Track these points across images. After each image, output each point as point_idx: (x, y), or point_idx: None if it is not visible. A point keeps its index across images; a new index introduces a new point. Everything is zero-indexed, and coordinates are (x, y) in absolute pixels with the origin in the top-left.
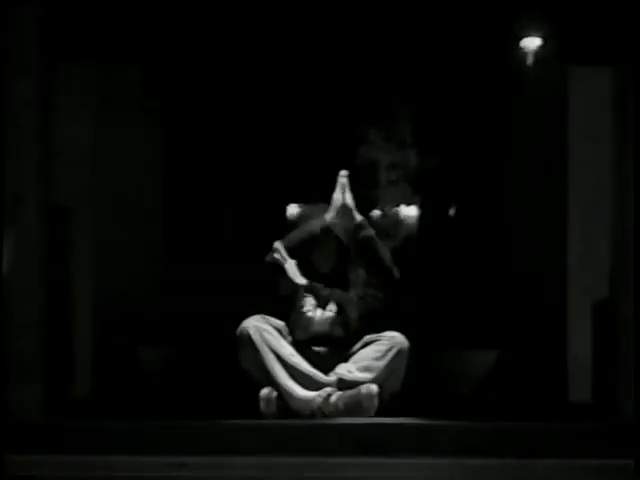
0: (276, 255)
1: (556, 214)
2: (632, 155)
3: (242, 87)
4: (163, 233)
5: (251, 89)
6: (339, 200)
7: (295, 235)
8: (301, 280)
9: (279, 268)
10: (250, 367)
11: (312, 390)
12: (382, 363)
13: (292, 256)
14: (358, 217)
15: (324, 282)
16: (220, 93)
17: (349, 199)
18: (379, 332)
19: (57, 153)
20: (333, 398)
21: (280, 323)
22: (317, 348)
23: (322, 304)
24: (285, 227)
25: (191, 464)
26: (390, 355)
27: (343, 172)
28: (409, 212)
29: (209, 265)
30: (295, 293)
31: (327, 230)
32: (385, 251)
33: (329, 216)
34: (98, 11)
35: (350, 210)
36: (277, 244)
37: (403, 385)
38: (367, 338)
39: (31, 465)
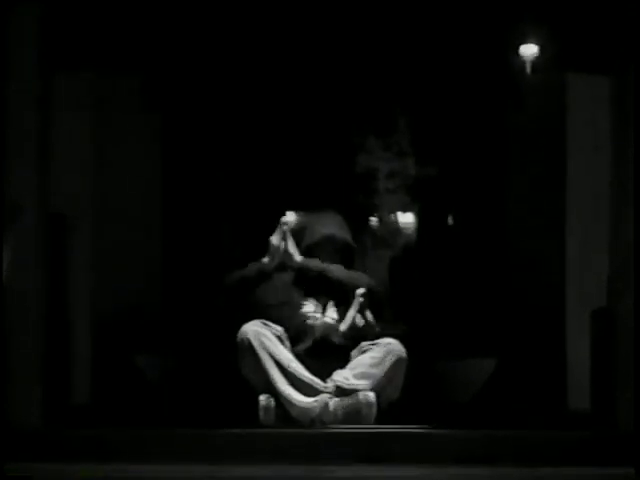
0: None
1: (555, 222)
2: (631, 163)
3: (241, 95)
4: (162, 240)
5: (249, 97)
6: (276, 244)
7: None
8: (298, 258)
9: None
10: (249, 373)
11: (311, 396)
12: (378, 370)
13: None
14: (298, 258)
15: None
16: (219, 100)
17: (291, 246)
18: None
19: (56, 159)
20: (332, 406)
21: (279, 329)
22: (316, 354)
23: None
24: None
25: (189, 472)
26: (387, 363)
27: (285, 218)
28: (407, 220)
29: (208, 272)
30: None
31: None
32: (338, 269)
33: (266, 260)
34: (98, 15)
35: (291, 256)
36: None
37: (402, 393)
38: (364, 345)
39: (30, 473)
